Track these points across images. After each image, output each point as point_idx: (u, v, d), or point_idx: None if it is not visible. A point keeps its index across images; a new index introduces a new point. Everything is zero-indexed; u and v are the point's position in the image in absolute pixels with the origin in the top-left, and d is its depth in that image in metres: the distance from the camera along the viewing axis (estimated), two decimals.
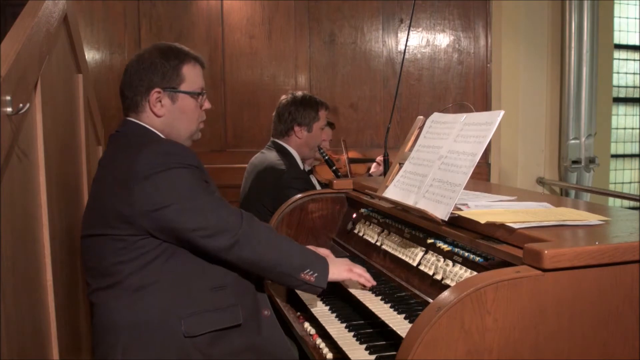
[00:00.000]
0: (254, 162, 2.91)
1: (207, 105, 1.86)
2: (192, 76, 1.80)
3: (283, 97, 2.96)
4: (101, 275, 1.65)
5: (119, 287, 1.62)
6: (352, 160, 3.55)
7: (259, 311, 1.75)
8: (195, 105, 1.82)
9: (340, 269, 1.74)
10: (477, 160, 1.50)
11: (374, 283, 1.76)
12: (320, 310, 1.81)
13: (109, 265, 1.63)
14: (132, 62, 1.80)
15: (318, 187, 3.12)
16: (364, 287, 1.76)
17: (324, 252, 1.87)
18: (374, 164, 3.50)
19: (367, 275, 1.76)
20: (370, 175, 3.42)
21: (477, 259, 1.44)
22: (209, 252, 1.62)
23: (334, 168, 3.22)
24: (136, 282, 1.60)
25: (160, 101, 1.76)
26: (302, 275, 1.67)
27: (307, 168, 3.20)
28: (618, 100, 5.47)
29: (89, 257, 1.71)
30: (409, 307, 1.57)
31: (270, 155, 2.84)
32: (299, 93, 2.96)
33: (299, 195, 2.34)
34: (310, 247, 1.86)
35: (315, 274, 1.68)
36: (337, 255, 2.03)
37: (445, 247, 1.59)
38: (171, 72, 1.77)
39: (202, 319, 1.62)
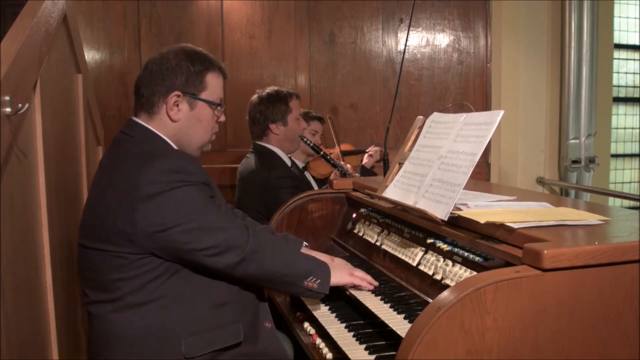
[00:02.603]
0: (241, 170, 2.91)
1: (222, 118, 1.81)
2: (214, 85, 1.75)
3: (253, 97, 2.94)
4: (100, 289, 1.60)
5: (118, 303, 1.57)
6: (345, 153, 3.56)
7: (260, 324, 1.74)
8: (212, 116, 1.76)
9: (342, 273, 1.73)
10: (477, 160, 1.50)
11: (377, 284, 1.75)
12: (320, 310, 1.81)
13: (108, 281, 1.58)
14: (154, 60, 1.72)
15: (313, 182, 3.12)
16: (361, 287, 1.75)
17: (325, 258, 1.84)
18: (366, 155, 3.55)
19: (369, 278, 1.75)
20: (363, 166, 3.43)
21: (477, 259, 1.44)
22: (216, 269, 1.58)
23: (321, 153, 3.22)
24: (137, 299, 1.56)
25: (177, 105, 1.69)
26: (306, 282, 1.65)
27: (301, 165, 3.20)
28: (618, 100, 5.47)
29: (87, 269, 1.65)
30: (409, 307, 1.57)
31: (252, 160, 2.84)
32: (266, 90, 2.93)
33: (299, 195, 2.34)
34: (313, 252, 1.85)
35: (318, 281, 1.67)
36: (337, 255, 2.03)
37: (445, 247, 1.59)
38: (195, 78, 1.71)
39: (202, 339, 1.58)
